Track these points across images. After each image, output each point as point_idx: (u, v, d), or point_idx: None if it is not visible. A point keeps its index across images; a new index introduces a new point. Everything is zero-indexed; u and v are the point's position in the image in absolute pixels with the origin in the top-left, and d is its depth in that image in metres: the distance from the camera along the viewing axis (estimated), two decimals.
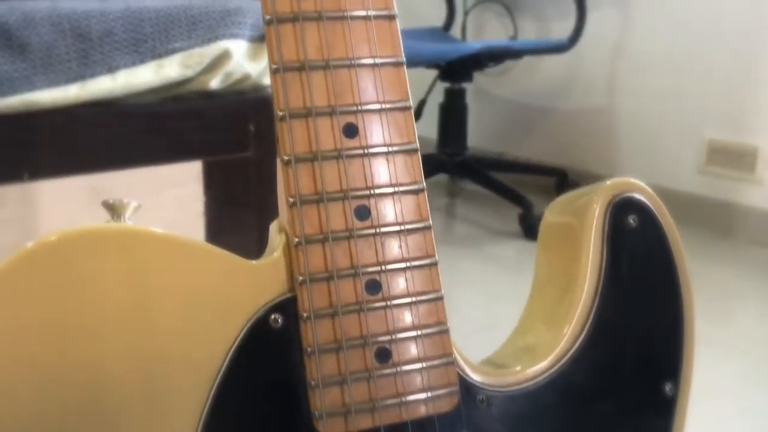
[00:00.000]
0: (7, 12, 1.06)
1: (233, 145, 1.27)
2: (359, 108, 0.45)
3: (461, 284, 2.02)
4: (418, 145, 0.46)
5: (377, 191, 0.45)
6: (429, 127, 2.59)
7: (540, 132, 2.87)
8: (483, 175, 2.54)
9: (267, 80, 1.30)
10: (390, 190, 0.45)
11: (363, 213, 0.44)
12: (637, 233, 0.48)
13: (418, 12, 2.99)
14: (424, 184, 0.45)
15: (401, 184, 0.45)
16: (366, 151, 0.45)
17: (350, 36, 0.45)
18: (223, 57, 1.23)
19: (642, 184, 0.50)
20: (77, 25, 1.11)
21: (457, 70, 2.50)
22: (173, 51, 1.19)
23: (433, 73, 2.57)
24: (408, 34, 2.69)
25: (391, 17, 0.46)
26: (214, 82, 1.23)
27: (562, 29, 2.58)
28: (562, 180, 2.72)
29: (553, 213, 0.54)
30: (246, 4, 1.28)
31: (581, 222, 0.49)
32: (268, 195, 1.33)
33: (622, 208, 0.49)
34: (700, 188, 2.46)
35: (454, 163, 2.59)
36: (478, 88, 2.84)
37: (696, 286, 0.54)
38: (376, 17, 0.46)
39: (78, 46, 1.11)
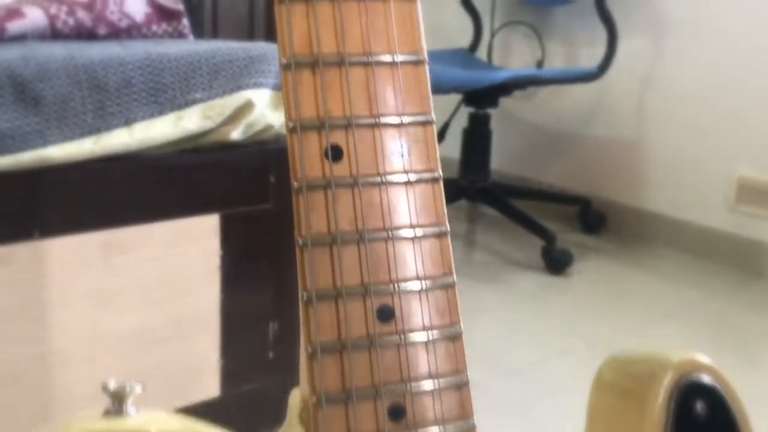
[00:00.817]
0: (22, 63, 1.01)
1: (253, 196, 1.22)
2: (396, 287, 0.39)
3: (480, 320, 1.96)
4: (461, 327, 0.40)
5: (415, 386, 0.39)
6: (451, 148, 2.53)
7: (565, 158, 2.81)
8: (505, 204, 2.49)
9: None
10: (430, 385, 0.40)
11: (398, 413, 0.39)
12: (705, 423, 0.43)
13: (444, 31, 2.94)
14: (468, 375, 0.40)
15: (442, 376, 0.40)
16: (403, 337, 0.39)
17: (388, 203, 0.40)
18: (246, 108, 1.18)
19: (711, 364, 0.44)
20: (94, 76, 1.06)
21: (482, 96, 2.44)
22: (193, 102, 1.14)
23: (457, 95, 2.51)
24: (433, 56, 2.64)
25: (435, 180, 0.41)
26: (235, 134, 1.18)
27: (590, 55, 2.52)
28: (585, 208, 2.67)
29: (611, 371, 0.48)
30: (271, 51, 1.23)
31: (642, 399, 0.44)
32: (286, 247, 1.28)
33: (689, 393, 0.43)
34: (730, 226, 2.40)
35: (476, 189, 2.54)
36: (502, 110, 2.78)
37: (725, 328, 0.49)
38: (419, 181, 0.41)
39: (94, 97, 1.06)
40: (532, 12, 2.79)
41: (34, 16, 1.18)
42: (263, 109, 1.20)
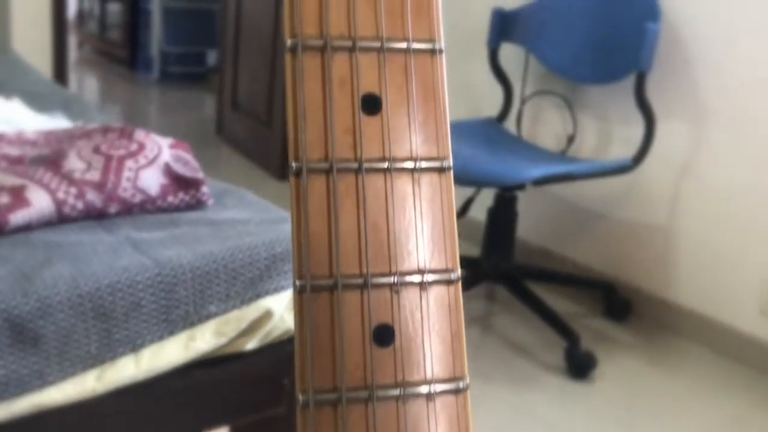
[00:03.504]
0: (22, 301, 0.92)
1: (265, 403, 1.13)
2: None
3: (485, 425, 1.86)
4: None
5: None
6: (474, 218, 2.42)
7: (592, 236, 2.70)
8: (529, 295, 2.39)
9: None
10: None
11: None
12: None
13: (473, 95, 2.83)
14: None
15: None
16: None
17: None
18: (264, 318, 1.08)
19: None
20: (100, 303, 0.97)
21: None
22: (207, 317, 1.05)
23: None
24: (460, 127, 2.53)
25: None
26: (250, 345, 1.09)
27: (625, 134, 2.41)
28: (610, 293, 2.57)
29: None
30: None
31: None
32: None
33: None
34: (762, 331, 2.30)
35: (499, 272, 2.44)
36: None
37: None
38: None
39: (99, 326, 0.97)
40: (564, 83, 2.67)
41: (40, 204, 1.08)
42: (282, 313, 1.10)
